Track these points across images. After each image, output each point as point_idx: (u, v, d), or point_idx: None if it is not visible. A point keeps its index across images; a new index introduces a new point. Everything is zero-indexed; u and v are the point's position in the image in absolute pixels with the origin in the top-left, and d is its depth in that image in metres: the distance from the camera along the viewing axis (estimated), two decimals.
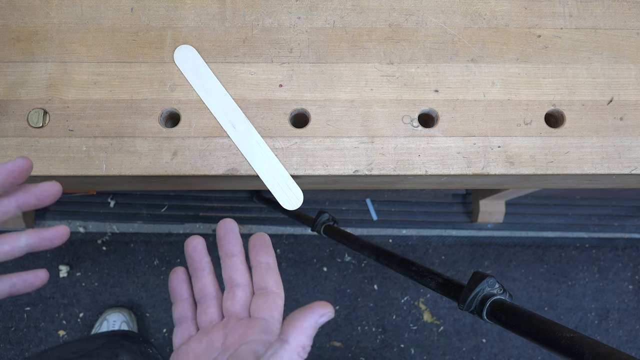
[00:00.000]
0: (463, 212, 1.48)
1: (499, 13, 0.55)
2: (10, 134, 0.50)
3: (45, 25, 0.53)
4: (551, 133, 0.53)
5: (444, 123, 0.53)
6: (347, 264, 1.41)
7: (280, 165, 0.51)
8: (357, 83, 0.53)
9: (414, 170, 0.51)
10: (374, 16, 0.55)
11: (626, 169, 0.52)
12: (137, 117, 0.51)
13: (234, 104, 0.52)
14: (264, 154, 0.51)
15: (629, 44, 0.55)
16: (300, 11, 0.54)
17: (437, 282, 0.50)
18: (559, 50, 0.55)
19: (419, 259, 1.43)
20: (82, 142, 0.51)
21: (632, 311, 1.44)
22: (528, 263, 1.45)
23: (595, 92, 0.54)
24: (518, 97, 0.53)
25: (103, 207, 1.41)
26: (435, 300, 1.41)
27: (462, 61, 0.54)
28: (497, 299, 0.44)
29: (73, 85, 0.52)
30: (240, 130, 0.51)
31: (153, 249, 1.39)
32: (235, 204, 1.45)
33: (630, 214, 1.50)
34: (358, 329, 1.38)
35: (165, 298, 1.36)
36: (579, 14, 0.56)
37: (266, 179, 0.50)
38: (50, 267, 1.35)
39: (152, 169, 0.50)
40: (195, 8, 0.54)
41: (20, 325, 1.32)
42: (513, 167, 0.52)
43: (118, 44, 0.53)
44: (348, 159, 0.51)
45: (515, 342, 1.40)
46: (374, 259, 0.61)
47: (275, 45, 0.54)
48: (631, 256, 1.47)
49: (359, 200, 1.46)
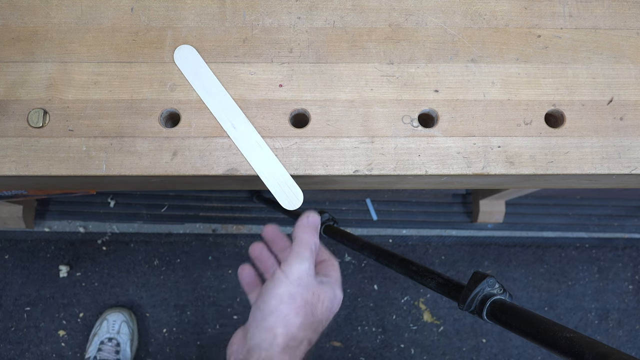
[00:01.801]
0: (463, 212, 1.48)
1: (499, 13, 0.55)
2: (10, 134, 0.50)
3: (45, 25, 0.53)
4: (551, 133, 0.53)
5: (444, 123, 0.53)
6: (347, 264, 1.41)
7: (280, 165, 0.51)
8: (357, 83, 0.53)
9: (414, 170, 0.51)
10: (374, 16, 0.55)
11: (626, 169, 0.52)
12: (137, 117, 0.51)
13: (234, 104, 0.52)
14: (264, 154, 0.51)
15: (629, 44, 0.55)
16: (300, 11, 0.54)
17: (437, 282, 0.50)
18: (559, 50, 0.55)
19: (419, 259, 1.43)
20: (82, 142, 0.51)
21: (632, 311, 1.44)
22: (528, 263, 1.45)
23: (595, 92, 0.54)
24: (518, 97, 0.53)
25: (103, 207, 1.41)
26: (435, 300, 1.41)
27: (462, 61, 0.54)
28: (497, 299, 0.44)
29: (73, 85, 0.52)
30: (240, 130, 0.51)
31: (153, 249, 1.39)
32: (235, 204, 1.45)
33: (630, 214, 1.50)
34: (358, 329, 1.38)
35: (165, 298, 1.36)
36: (579, 14, 0.56)
37: (266, 179, 0.50)
38: (50, 267, 1.35)
39: (152, 169, 0.50)
40: (195, 8, 0.54)
41: (20, 325, 1.32)
42: (513, 167, 0.52)
43: (118, 44, 0.53)
44: (348, 159, 0.51)
45: (515, 342, 1.40)
46: (374, 259, 0.61)
47: (275, 45, 0.54)
48: (631, 256, 1.47)
49: (359, 200, 1.46)
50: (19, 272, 1.35)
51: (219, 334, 1.36)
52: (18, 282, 1.34)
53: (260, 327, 0.42)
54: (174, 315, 1.35)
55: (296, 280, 0.43)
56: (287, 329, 0.42)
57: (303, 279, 0.44)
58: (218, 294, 1.37)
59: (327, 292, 0.45)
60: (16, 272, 1.35)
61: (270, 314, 0.42)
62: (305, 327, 0.43)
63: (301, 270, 0.44)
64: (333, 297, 0.46)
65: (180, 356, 1.33)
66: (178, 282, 1.37)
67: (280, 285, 0.43)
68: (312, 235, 0.46)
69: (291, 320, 0.42)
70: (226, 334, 1.35)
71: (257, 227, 1.43)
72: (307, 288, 0.44)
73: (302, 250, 0.45)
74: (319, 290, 0.45)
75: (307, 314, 0.43)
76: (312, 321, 0.44)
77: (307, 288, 0.44)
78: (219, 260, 1.39)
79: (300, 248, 0.45)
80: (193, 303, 1.36)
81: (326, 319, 0.46)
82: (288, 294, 0.43)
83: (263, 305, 0.43)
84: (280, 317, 0.42)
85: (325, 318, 0.46)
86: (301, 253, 0.45)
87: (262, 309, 0.43)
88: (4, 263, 1.35)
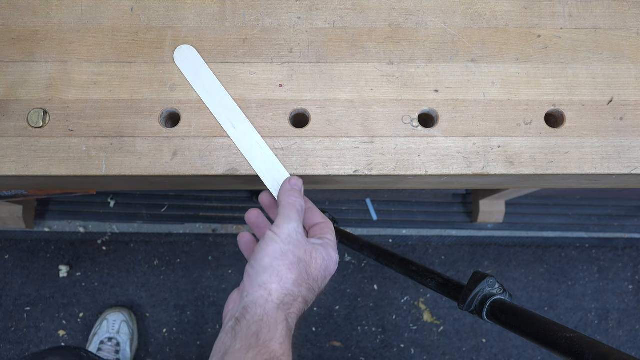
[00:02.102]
0: (463, 212, 1.48)
1: (499, 13, 0.55)
2: (10, 134, 0.50)
3: (45, 25, 0.53)
4: (551, 133, 0.53)
5: (444, 123, 0.53)
6: (347, 264, 1.41)
7: (280, 165, 0.51)
8: (357, 83, 0.53)
9: (414, 170, 0.51)
10: (374, 16, 0.55)
11: (626, 169, 0.52)
12: (137, 117, 0.51)
13: (234, 104, 0.52)
14: (264, 155, 0.51)
15: (629, 44, 0.55)
16: (300, 11, 0.54)
17: (437, 282, 0.50)
18: (559, 50, 0.55)
19: (419, 259, 1.43)
20: (82, 142, 0.51)
21: (632, 311, 1.44)
22: (528, 263, 1.45)
23: (595, 92, 0.54)
24: (518, 97, 0.53)
25: (103, 207, 1.41)
26: (435, 300, 1.41)
27: (462, 61, 0.54)
28: (497, 299, 0.44)
29: (73, 85, 0.52)
30: (240, 130, 0.51)
31: (153, 249, 1.38)
32: (235, 204, 1.45)
33: (630, 214, 1.50)
34: (358, 329, 1.38)
35: (165, 298, 1.36)
36: (579, 14, 0.56)
37: (266, 180, 0.50)
38: (50, 267, 1.35)
39: (152, 169, 0.50)
40: (195, 8, 0.54)
41: (20, 325, 1.32)
42: (513, 167, 0.52)
43: (118, 44, 0.53)
44: (348, 159, 0.51)
45: (515, 342, 1.40)
46: (374, 259, 0.61)
47: (275, 45, 0.54)
48: (631, 256, 1.47)
49: (359, 200, 1.46)
50: (19, 272, 1.35)
51: (218, 334, 1.35)
52: (18, 282, 1.34)
53: (255, 284, 0.44)
54: (174, 315, 1.35)
55: (286, 238, 0.45)
56: (281, 284, 0.43)
57: (293, 237, 0.45)
58: (218, 294, 1.37)
59: (321, 252, 0.47)
60: (16, 272, 1.35)
61: (264, 271, 0.44)
62: (300, 284, 0.44)
63: (290, 228, 0.45)
64: (328, 257, 0.47)
65: (180, 356, 1.33)
66: (178, 282, 1.37)
67: (271, 242, 0.45)
68: (297, 198, 0.48)
69: (285, 276, 0.44)
70: None
71: None
72: (297, 245, 0.45)
73: (288, 211, 0.47)
74: (311, 249, 0.46)
75: (301, 271, 0.45)
76: (306, 279, 0.45)
77: (297, 245, 0.45)
78: (219, 260, 1.39)
79: (285, 210, 0.47)
80: (193, 303, 1.36)
81: (322, 277, 0.47)
82: (280, 251, 0.44)
83: (256, 263, 0.44)
84: (274, 273, 0.44)
85: (320, 277, 0.47)
86: (287, 214, 0.46)
87: (256, 267, 0.44)
88: (4, 263, 1.35)
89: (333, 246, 0.49)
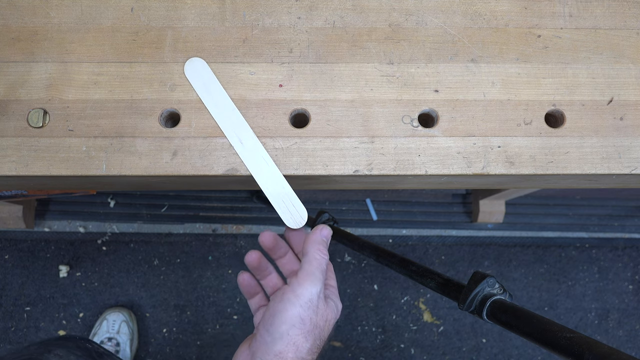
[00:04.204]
0: (463, 212, 1.48)
1: (499, 13, 0.55)
2: (10, 134, 0.50)
3: (45, 25, 0.53)
4: (551, 133, 0.53)
5: (444, 123, 0.53)
6: (347, 264, 1.41)
7: (286, 183, 0.50)
8: (357, 83, 0.53)
9: (414, 170, 0.51)
10: (374, 16, 0.55)
11: (626, 169, 0.52)
12: (137, 117, 0.51)
13: (242, 119, 0.51)
14: (271, 171, 0.50)
15: (629, 44, 0.55)
16: (300, 11, 0.54)
17: (437, 282, 0.50)
18: (559, 50, 0.55)
19: (419, 259, 1.43)
20: (82, 142, 0.51)
21: (632, 311, 1.44)
22: (528, 263, 1.45)
23: (595, 92, 0.54)
24: (518, 97, 0.53)
25: (103, 207, 1.41)
26: (435, 300, 1.41)
27: (462, 61, 0.54)
28: (497, 299, 0.44)
29: (73, 85, 0.52)
30: (247, 146, 0.51)
31: (153, 249, 1.39)
32: (235, 204, 1.45)
33: (630, 214, 1.50)
34: (358, 329, 1.38)
35: (165, 298, 1.36)
36: (579, 14, 0.56)
37: (272, 197, 0.50)
38: (50, 267, 1.35)
39: (152, 169, 0.50)
40: (195, 8, 0.54)
41: (20, 325, 1.32)
42: (513, 167, 0.52)
43: (118, 44, 0.53)
44: (348, 159, 0.51)
45: (515, 342, 1.40)
46: (374, 259, 0.61)
47: (275, 45, 0.54)
48: (631, 256, 1.47)
49: (359, 200, 1.46)
50: (19, 272, 1.35)
51: (219, 334, 1.35)
52: (18, 282, 1.34)
53: (271, 352, 0.42)
54: (174, 315, 1.35)
55: (307, 303, 0.43)
56: (297, 354, 0.42)
57: (314, 302, 0.43)
58: (218, 294, 1.37)
59: (333, 311, 0.45)
60: (16, 272, 1.35)
61: (281, 339, 0.42)
62: (313, 351, 0.43)
63: (312, 293, 0.43)
64: (336, 311, 0.46)
65: (180, 356, 1.33)
66: (178, 282, 1.37)
67: (291, 307, 0.42)
68: (325, 254, 0.45)
69: (301, 346, 0.42)
70: (226, 334, 1.36)
71: (257, 227, 1.43)
72: (316, 312, 0.43)
73: (315, 270, 0.44)
74: (326, 312, 0.44)
75: (316, 337, 0.43)
76: (319, 344, 0.44)
77: (316, 312, 0.43)
78: (219, 260, 1.39)
79: (312, 267, 0.44)
80: (193, 303, 1.36)
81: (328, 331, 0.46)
82: (299, 317, 0.42)
83: (272, 328, 0.43)
84: (291, 342, 0.42)
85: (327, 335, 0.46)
86: (313, 274, 0.44)
87: (272, 333, 0.43)
88: (4, 263, 1.35)
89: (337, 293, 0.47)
